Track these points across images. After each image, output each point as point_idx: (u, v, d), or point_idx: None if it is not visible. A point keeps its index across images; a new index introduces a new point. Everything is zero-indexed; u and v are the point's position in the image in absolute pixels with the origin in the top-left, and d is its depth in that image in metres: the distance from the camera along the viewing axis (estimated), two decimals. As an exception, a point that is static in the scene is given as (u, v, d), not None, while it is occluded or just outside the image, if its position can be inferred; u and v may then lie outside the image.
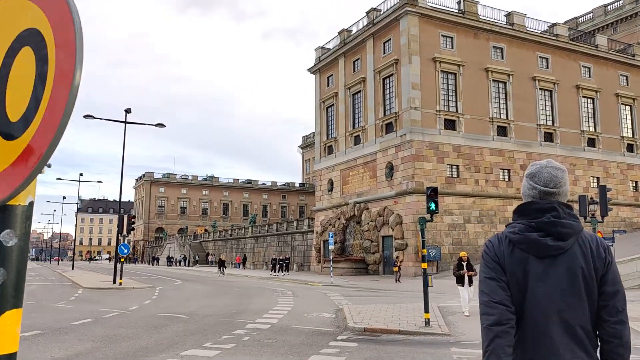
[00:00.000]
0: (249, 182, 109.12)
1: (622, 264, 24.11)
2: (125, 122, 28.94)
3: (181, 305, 18.02)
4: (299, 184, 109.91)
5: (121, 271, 27.73)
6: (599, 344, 2.23)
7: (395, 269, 32.54)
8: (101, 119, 28.56)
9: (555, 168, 2.37)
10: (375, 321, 13.44)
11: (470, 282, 15.27)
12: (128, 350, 9.31)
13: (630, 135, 47.22)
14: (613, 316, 2.18)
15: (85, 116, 27.82)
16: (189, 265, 75.02)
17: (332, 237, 35.10)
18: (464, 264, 15.36)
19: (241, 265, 63.46)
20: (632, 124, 47.54)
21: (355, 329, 12.59)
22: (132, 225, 29.11)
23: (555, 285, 2.20)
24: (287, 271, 42.91)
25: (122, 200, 28.27)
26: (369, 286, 29.73)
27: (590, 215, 19.47)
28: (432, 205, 13.15)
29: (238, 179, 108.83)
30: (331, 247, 34.85)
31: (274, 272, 42.44)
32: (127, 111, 28.84)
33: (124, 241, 28.39)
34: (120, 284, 27.46)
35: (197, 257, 76.82)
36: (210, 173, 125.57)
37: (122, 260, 28.36)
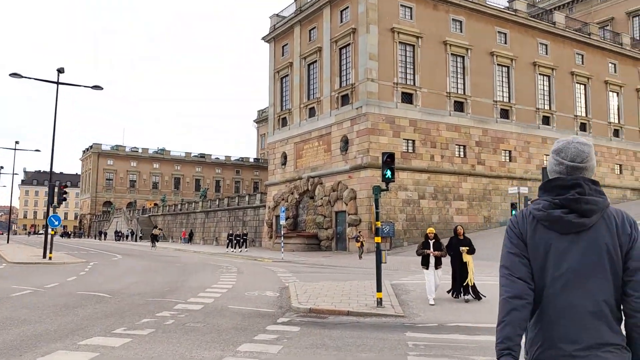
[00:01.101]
0: (202, 156, 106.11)
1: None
2: (58, 83, 26.40)
3: (109, 282, 16.26)
4: (254, 159, 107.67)
5: (51, 245, 25.50)
6: (624, 318, 2.23)
7: (358, 244, 30.96)
8: (29, 77, 25.89)
9: (581, 143, 2.34)
10: (322, 301, 12.14)
11: (438, 265, 12.50)
12: (14, 339, 7.65)
13: (583, 114, 47.45)
14: (637, 291, 2.18)
15: (11, 74, 25.13)
16: (136, 240, 72.35)
17: (283, 211, 33.68)
18: (431, 242, 12.57)
19: (191, 241, 61.45)
20: (585, 103, 47.75)
21: (299, 309, 11.25)
22: (64, 196, 26.80)
23: (579, 261, 2.20)
24: (245, 247, 41.13)
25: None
26: (321, 262, 28.64)
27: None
28: (389, 173, 11.81)
29: (190, 153, 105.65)
30: (282, 222, 33.47)
31: (232, 248, 40.37)
32: (60, 71, 26.29)
33: (54, 212, 26.08)
34: (50, 258, 25.27)
35: (141, 232, 74.03)
36: (161, 146, 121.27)
37: (53, 233, 26.08)
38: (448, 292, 13.15)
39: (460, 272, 12.63)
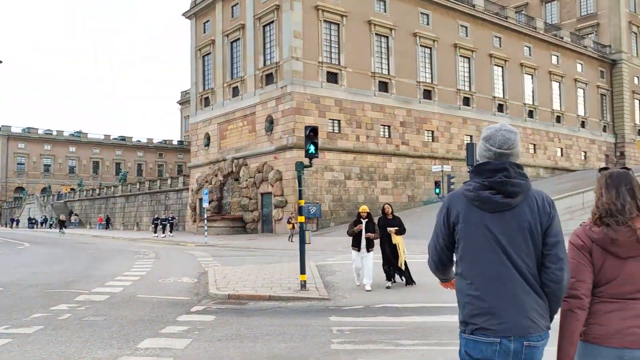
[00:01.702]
0: (122, 138, 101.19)
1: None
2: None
3: (5, 273, 14.67)
4: (178, 141, 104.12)
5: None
6: (542, 287, 2.48)
7: (290, 226, 29.71)
8: None
9: (508, 131, 2.58)
10: (243, 286, 11.40)
11: (370, 247, 11.09)
12: None
13: (501, 95, 48.97)
14: (555, 263, 2.45)
15: None
16: (51, 227, 68.10)
17: (206, 194, 32.44)
18: (364, 222, 11.24)
19: (110, 226, 58.53)
20: (503, 84, 49.30)
21: (217, 296, 10.45)
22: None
23: (506, 237, 2.45)
24: (171, 231, 39.26)
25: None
26: (246, 245, 27.86)
27: (470, 165, 18.99)
28: (312, 148, 11.11)
29: (110, 135, 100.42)
30: (205, 205, 32.25)
31: (158, 233, 38.22)
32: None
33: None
34: (-56, 250, 22.86)
35: (53, 218, 69.70)
36: (78, 128, 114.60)
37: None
38: (387, 282, 11.52)
39: (391, 255, 11.33)
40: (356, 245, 11.18)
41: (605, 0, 59.74)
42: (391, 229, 11.25)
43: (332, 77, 38.05)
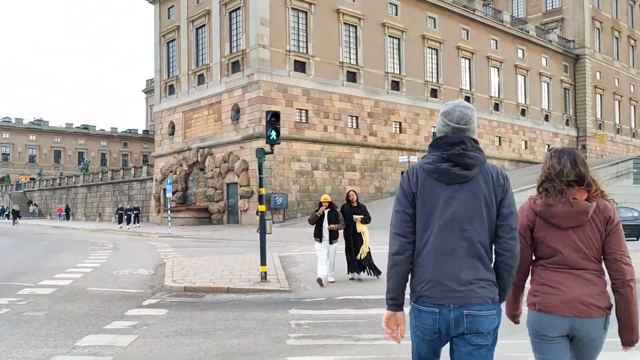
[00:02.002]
0: (85, 127, 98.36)
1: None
2: None
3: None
4: (143, 131, 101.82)
5: None
6: (494, 257, 2.57)
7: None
8: None
9: (466, 107, 2.66)
10: (201, 278, 10.93)
11: (333, 239, 10.46)
12: None
13: (468, 88, 49.26)
14: (508, 233, 2.53)
15: None
16: (8, 218, 65.76)
17: (170, 184, 31.61)
18: (326, 211, 10.50)
19: (71, 217, 56.87)
20: (470, 77, 49.59)
21: (172, 288, 9.97)
22: None
23: (461, 208, 2.52)
24: (136, 222, 38.12)
25: None
26: (211, 236, 27.30)
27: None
28: (273, 134, 10.68)
29: (72, 124, 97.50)
30: (169, 195, 31.45)
31: (123, 223, 36.94)
32: None
33: None
34: None
35: (9, 209, 67.26)
36: (39, 116, 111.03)
37: None
38: (349, 274, 11.01)
39: (355, 244, 10.66)
40: (318, 235, 10.46)
41: (570, -4, 60.68)
42: (357, 217, 10.62)
43: (300, 66, 37.52)
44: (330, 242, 10.43)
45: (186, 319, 7.25)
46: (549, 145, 57.16)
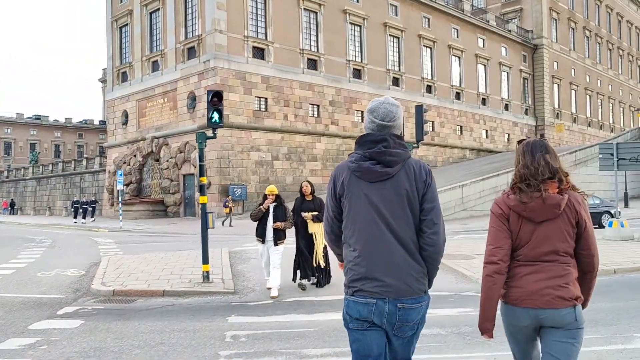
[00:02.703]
0: (38, 117, 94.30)
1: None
2: None
3: None
4: (100, 121, 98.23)
5: None
6: (420, 251, 2.62)
7: (226, 210, 27.52)
8: None
9: (391, 104, 2.71)
10: (135, 279, 9.75)
11: (278, 240, 8.52)
12: None
13: (429, 77, 48.83)
14: (430, 228, 2.58)
15: None
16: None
17: (120, 175, 30.03)
18: (272, 206, 8.61)
19: (17, 211, 54.17)
20: (431, 66, 49.17)
21: (100, 292, 8.78)
22: None
23: (385, 205, 2.57)
24: (92, 217, 36.04)
25: None
26: (164, 230, 25.99)
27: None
28: (215, 117, 9.50)
29: (23, 114, 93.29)
30: (120, 187, 29.88)
31: (78, 218, 34.70)
32: None
33: None
34: None
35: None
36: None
37: None
38: (293, 280, 9.05)
39: (306, 247, 8.75)
40: (261, 235, 8.61)
41: (529, -14, 60.96)
42: (306, 215, 8.65)
43: (259, 53, 36.21)
44: (275, 244, 8.51)
45: (101, 333, 6.12)
46: (509, 135, 57.52)
